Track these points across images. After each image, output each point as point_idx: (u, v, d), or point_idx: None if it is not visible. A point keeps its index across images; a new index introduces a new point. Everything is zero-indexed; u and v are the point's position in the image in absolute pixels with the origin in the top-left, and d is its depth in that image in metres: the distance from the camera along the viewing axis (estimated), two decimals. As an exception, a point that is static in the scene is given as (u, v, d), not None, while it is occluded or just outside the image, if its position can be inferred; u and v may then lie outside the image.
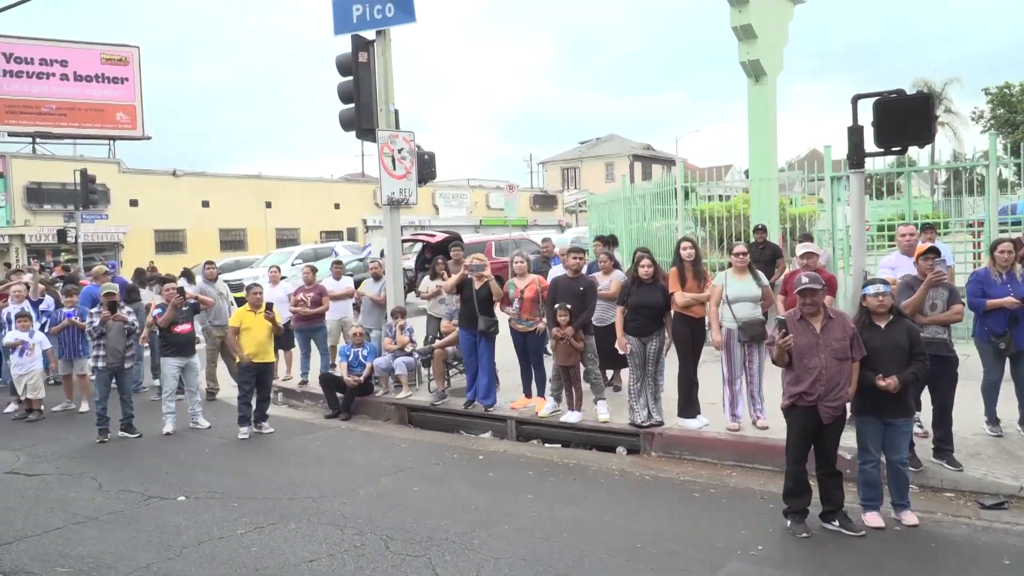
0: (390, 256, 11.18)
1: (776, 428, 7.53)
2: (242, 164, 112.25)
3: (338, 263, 12.74)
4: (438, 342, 10.10)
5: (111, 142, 36.27)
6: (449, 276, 10.96)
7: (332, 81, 11.15)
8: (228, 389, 11.87)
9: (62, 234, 28.48)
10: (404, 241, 26.17)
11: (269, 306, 9.71)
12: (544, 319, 8.92)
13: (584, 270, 9.04)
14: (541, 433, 8.75)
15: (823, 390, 5.24)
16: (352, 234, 43.93)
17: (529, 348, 9.12)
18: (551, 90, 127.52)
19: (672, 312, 8.06)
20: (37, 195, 32.07)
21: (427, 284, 11.40)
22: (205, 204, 37.81)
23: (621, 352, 8.21)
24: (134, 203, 34.73)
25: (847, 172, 12.15)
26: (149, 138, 36.70)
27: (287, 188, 41.55)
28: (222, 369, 11.83)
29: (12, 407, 10.81)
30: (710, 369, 8.49)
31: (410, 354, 10.42)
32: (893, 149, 7.13)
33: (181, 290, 9.71)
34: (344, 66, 11.15)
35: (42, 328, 11.20)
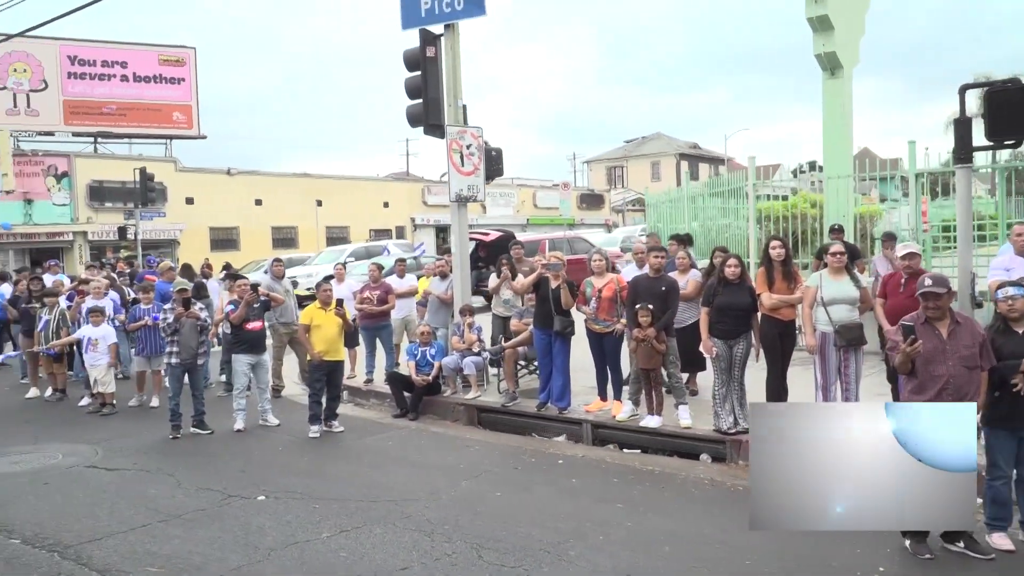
0: (457, 254, 11.01)
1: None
2: (289, 163, 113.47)
3: (401, 261, 12.64)
4: (510, 342, 9.89)
5: (168, 141, 36.81)
6: (514, 275, 10.80)
7: (377, 81, 11.18)
8: (292, 387, 11.86)
9: (122, 231, 28.96)
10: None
11: (339, 303, 9.61)
12: (622, 320, 8.67)
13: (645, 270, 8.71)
14: (617, 438, 8.49)
15: (950, 400, 4.90)
16: (401, 232, 44.04)
17: (606, 350, 8.87)
18: (592, 89, 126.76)
19: (759, 314, 7.76)
20: (99, 193, 32.66)
21: (495, 281, 11.22)
22: (258, 202, 38.16)
23: (706, 355, 7.92)
24: (190, 201, 35.18)
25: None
26: (204, 137, 37.20)
27: (337, 186, 41.76)
28: (288, 366, 11.81)
29: (86, 400, 10.89)
30: (798, 374, 8.16)
31: (478, 353, 10.25)
32: (1006, 143, 6.73)
33: (254, 287, 9.65)
34: (412, 61, 11.02)
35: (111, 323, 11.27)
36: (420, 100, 10.94)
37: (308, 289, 17.64)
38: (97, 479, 7.48)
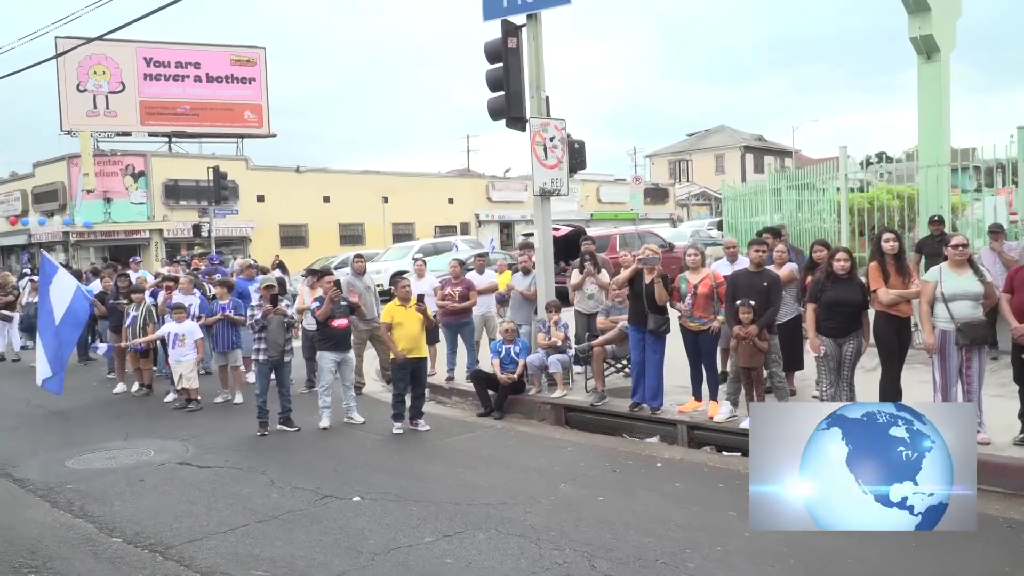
0: (541, 249, 10.76)
1: (1000, 444, 6.72)
2: (352, 161, 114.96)
3: (482, 256, 12.45)
4: (598, 339, 9.61)
5: (239, 140, 37.49)
6: (598, 270, 10.52)
7: (436, 79, 10.93)
8: (372, 383, 11.79)
9: (197, 229, 29.59)
10: (527, 235, 25.92)
11: (420, 298, 9.46)
12: (719, 317, 8.32)
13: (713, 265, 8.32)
14: (715, 439, 8.12)
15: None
16: (465, 228, 44.10)
17: (702, 348, 8.52)
18: (650, 83, 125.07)
19: (872, 311, 7.32)
20: (174, 191, 33.45)
21: (577, 277, 10.95)
22: (326, 199, 38.62)
23: (814, 354, 7.53)
24: (260, 199, 35.78)
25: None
26: (275, 135, 37.81)
27: (403, 183, 42.00)
28: (367, 364, 11.73)
29: (172, 396, 10.98)
30: (915, 374, 7.70)
31: (564, 351, 9.99)
32: None
33: (338, 283, 9.56)
34: (493, 53, 10.82)
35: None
36: (501, 93, 10.75)
37: (378, 286, 17.66)
38: (191, 477, 7.45)
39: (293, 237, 37.28)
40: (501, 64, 10.71)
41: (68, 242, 31.57)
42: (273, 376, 9.23)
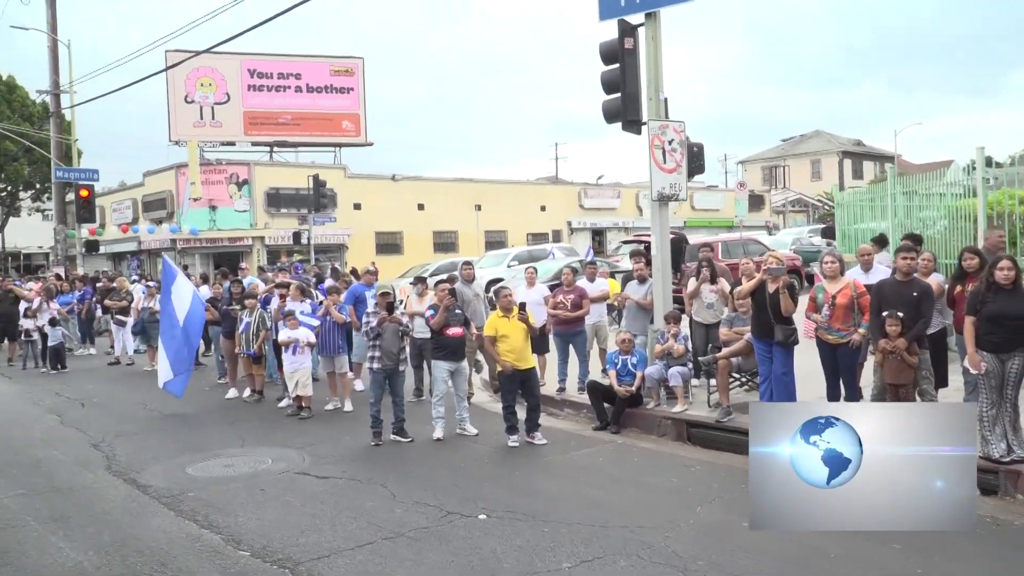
0: (659, 256, 10.32)
1: None
2: (441, 169, 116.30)
3: (592, 263, 12.08)
4: (722, 351, 9.11)
5: (337, 149, 38.19)
6: (714, 278, 10.04)
7: (520, 88, 10.59)
8: (479, 393, 11.56)
9: (297, 236, 30.16)
10: (626, 242, 25.43)
11: (522, 306, 9.15)
12: (859, 329, 7.72)
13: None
14: (856, 461, 7.53)
15: None
16: (557, 236, 43.75)
17: (840, 363, 7.91)
18: (738, 88, 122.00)
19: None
20: (275, 200, 34.26)
21: (693, 285, 10.47)
22: (420, 207, 38.91)
23: (973, 371, 6.87)
24: (357, 207, 36.29)
25: None
26: (371, 144, 38.34)
27: (495, 191, 41.95)
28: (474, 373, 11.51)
29: (285, 403, 11.00)
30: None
31: (684, 363, 9.53)
32: None
33: (452, 291, 9.36)
34: (609, 54, 10.47)
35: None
36: (617, 95, 10.39)
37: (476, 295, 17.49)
38: (311, 488, 7.33)
39: (388, 244, 37.66)
40: (617, 65, 10.36)
41: (175, 249, 32.65)
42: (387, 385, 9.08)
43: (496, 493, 6.94)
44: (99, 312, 19.37)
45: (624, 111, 10.31)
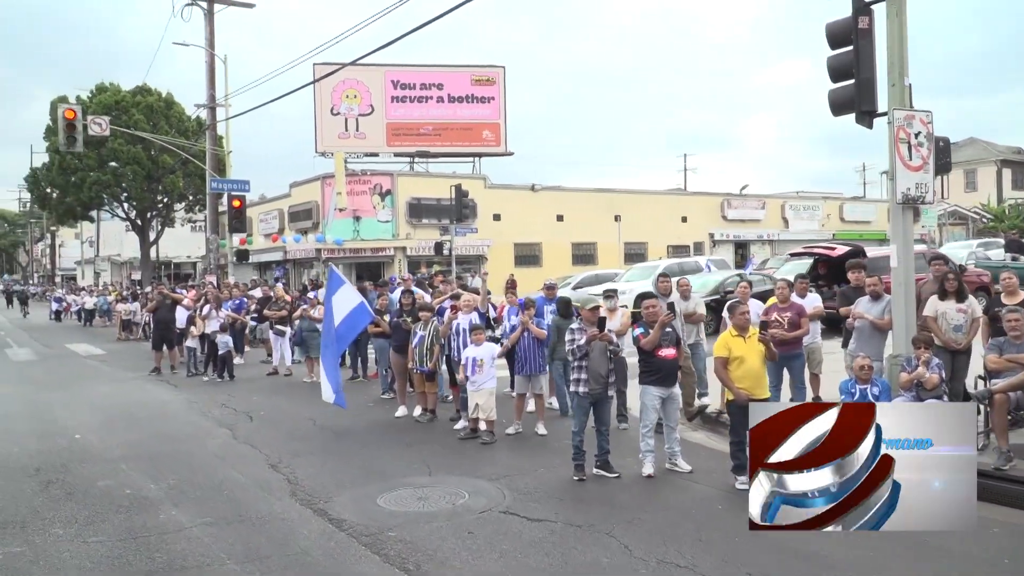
0: (901, 269, 8.84)
1: None
2: (577, 179, 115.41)
3: (803, 277, 10.67)
4: (1001, 384, 7.55)
5: (476, 159, 37.84)
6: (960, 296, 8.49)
7: (644, 100, 9.23)
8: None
9: (439, 247, 29.78)
10: (794, 255, 23.58)
11: (763, 326, 7.89)
12: None
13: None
14: None
15: None
16: (699, 248, 41.93)
17: None
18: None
19: None
20: (417, 210, 34.16)
21: (935, 304, 8.93)
22: (559, 218, 38.04)
23: None
24: (497, 217, 35.76)
25: None
26: (511, 154, 37.79)
27: (634, 201, 40.58)
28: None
29: (461, 424, 10.14)
30: None
31: (940, 396, 8.00)
32: None
33: (671, 306, 8.21)
34: (838, 35, 9.15)
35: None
36: (848, 82, 9.04)
37: (623, 305, 16.26)
38: (526, 533, 6.31)
39: (527, 256, 36.94)
40: (848, 48, 9.01)
41: (320, 259, 32.99)
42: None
43: (756, 553, 5.70)
44: (252, 321, 19.28)
45: (858, 100, 8.93)
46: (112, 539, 6.39)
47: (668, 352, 7.99)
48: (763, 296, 12.77)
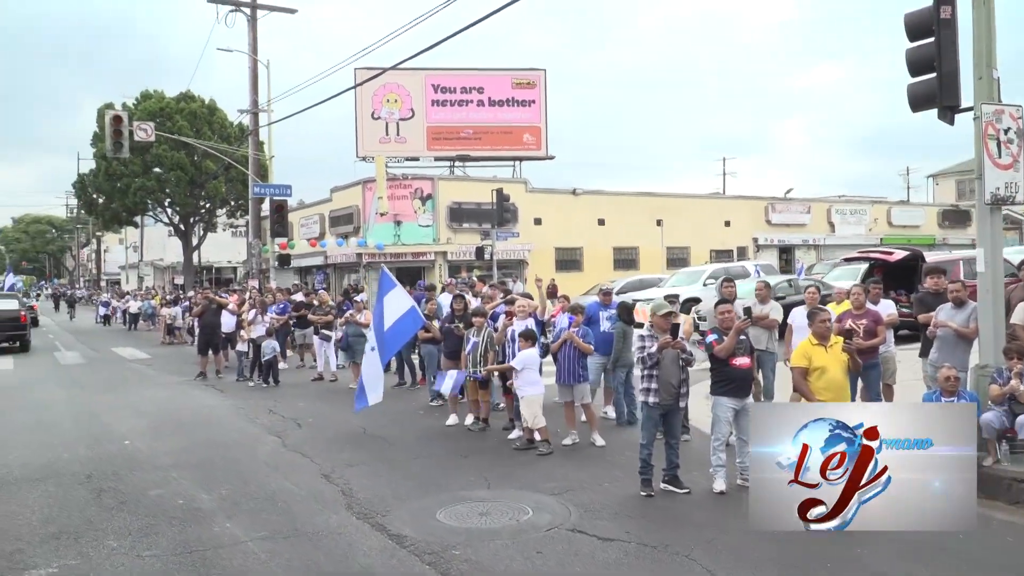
0: (988, 274, 8.30)
1: None
2: (607, 183, 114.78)
3: (876, 283, 10.16)
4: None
5: (517, 162, 37.54)
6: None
7: (680, 104, 8.77)
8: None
9: (480, 251, 29.49)
10: (848, 260, 22.91)
11: (847, 335, 7.44)
12: None
13: None
14: None
15: None
16: (742, 253, 41.18)
17: None
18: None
19: None
20: (457, 214, 33.92)
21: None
22: (600, 222, 37.56)
23: None
24: (538, 221, 35.41)
25: None
26: (552, 157, 37.41)
27: (676, 205, 39.93)
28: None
29: (516, 433, 9.81)
30: None
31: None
32: None
33: (748, 311, 7.79)
34: (918, 26, 8.62)
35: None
36: (929, 76, 8.52)
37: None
38: (598, 554, 5.94)
39: (568, 261, 36.52)
40: (930, 40, 8.49)
41: (360, 263, 32.91)
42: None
43: (850, 580, 5.27)
44: (295, 326, 19.11)
45: (940, 94, 8.40)
46: (167, 552, 6.15)
47: (743, 361, 7.57)
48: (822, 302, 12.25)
